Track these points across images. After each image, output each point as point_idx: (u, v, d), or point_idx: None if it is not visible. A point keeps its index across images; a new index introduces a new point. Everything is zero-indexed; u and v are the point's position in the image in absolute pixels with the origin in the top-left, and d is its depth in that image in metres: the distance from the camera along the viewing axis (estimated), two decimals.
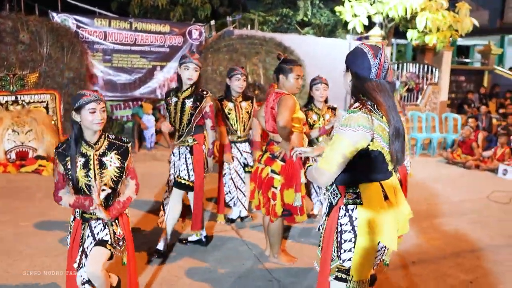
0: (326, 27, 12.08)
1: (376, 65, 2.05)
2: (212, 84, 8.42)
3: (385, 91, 2.06)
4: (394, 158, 2.05)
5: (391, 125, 2.01)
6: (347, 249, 2.07)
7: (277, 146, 3.53)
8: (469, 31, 10.20)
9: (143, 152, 8.05)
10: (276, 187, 3.50)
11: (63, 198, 2.64)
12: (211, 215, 5.06)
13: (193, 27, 8.61)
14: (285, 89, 3.49)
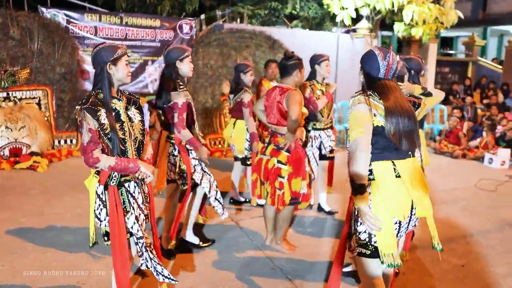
0: (314, 20, 12.17)
1: (384, 66, 2.36)
2: (203, 78, 8.46)
3: (391, 88, 2.35)
4: (390, 134, 2.28)
5: (387, 105, 2.29)
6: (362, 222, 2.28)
7: (281, 138, 3.67)
8: (454, 23, 10.40)
9: None
10: (284, 176, 3.64)
11: (101, 159, 2.44)
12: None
13: (183, 21, 8.63)
14: (293, 84, 3.68)
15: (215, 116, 8.35)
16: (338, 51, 10.28)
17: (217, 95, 8.46)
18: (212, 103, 8.41)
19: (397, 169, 2.31)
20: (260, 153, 3.82)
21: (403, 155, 2.36)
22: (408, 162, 2.36)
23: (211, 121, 8.32)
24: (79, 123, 2.45)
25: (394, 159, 2.33)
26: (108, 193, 2.53)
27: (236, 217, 4.78)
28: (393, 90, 2.34)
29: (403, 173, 2.31)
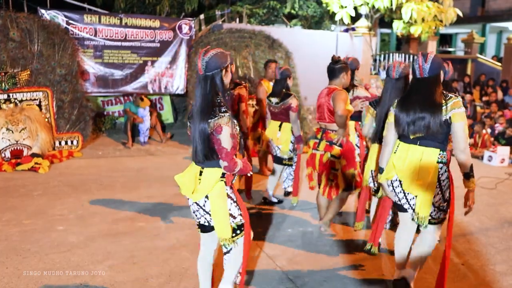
0: (313, 18, 12.18)
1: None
2: None
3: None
4: (399, 124, 2.97)
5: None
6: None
7: (333, 134, 4.08)
8: (453, 21, 10.42)
9: (137, 147, 8.11)
10: (337, 169, 4.10)
11: (238, 163, 2.59)
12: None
13: (183, 21, 8.65)
14: (340, 85, 4.09)
15: None
16: (337, 50, 10.29)
17: None
18: None
19: (398, 147, 3.10)
20: (312, 148, 4.22)
21: (410, 141, 3.01)
22: (409, 146, 3.01)
23: None
24: (216, 129, 2.48)
25: (403, 142, 3.07)
26: (234, 191, 2.72)
27: None
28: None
29: (399, 151, 3.07)
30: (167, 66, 8.52)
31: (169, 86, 8.61)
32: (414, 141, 2.95)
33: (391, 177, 3.04)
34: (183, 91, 8.72)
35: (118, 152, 7.76)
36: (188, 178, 2.68)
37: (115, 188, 5.76)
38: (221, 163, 2.57)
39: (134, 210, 4.93)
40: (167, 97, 9.44)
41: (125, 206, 5.05)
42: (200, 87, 2.58)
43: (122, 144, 8.18)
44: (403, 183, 2.97)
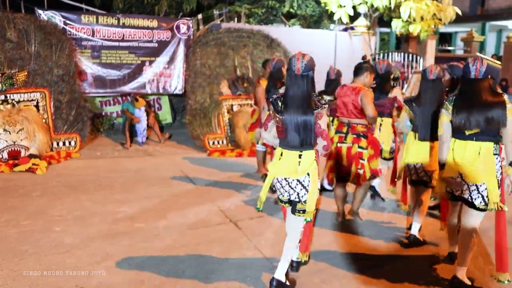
0: (312, 18, 12.14)
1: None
2: (201, 78, 8.46)
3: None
4: (457, 125, 3.27)
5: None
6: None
7: (359, 127, 4.39)
8: (452, 19, 10.39)
9: (135, 148, 8.08)
10: (364, 159, 4.41)
11: (330, 143, 3.50)
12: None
13: (181, 21, 8.63)
14: (362, 84, 4.38)
15: (213, 116, 8.35)
16: (336, 49, 10.28)
17: (215, 94, 8.46)
18: (210, 102, 8.41)
19: (455, 144, 3.37)
20: (338, 142, 4.46)
21: (466, 137, 3.30)
22: (467, 142, 3.29)
23: (209, 120, 8.31)
24: (320, 114, 3.10)
25: (457, 138, 3.35)
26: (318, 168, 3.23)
27: (235, 218, 4.78)
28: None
29: (456, 147, 3.35)
30: (165, 66, 8.50)
31: (167, 86, 8.59)
32: (470, 137, 3.26)
33: (453, 175, 3.34)
34: (181, 91, 8.70)
35: (117, 153, 7.73)
36: (287, 162, 3.16)
37: (114, 189, 5.73)
38: (321, 143, 3.14)
39: (133, 211, 4.91)
40: (165, 97, 9.43)
41: (124, 207, 5.02)
42: (297, 85, 3.11)
43: (120, 144, 8.15)
44: (467, 176, 3.27)
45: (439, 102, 3.90)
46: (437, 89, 3.98)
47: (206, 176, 6.42)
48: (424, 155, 4.03)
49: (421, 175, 4.12)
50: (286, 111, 3.10)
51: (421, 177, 4.13)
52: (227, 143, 8.21)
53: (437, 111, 3.74)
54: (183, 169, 6.79)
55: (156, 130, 8.46)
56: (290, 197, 3.24)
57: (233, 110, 8.47)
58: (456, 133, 3.32)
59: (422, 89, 4.04)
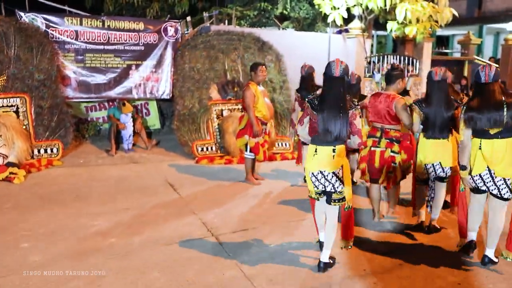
0: (306, 20, 11.87)
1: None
2: (190, 82, 8.17)
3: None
4: (479, 124, 3.56)
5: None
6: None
7: (393, 132, 4.57)
8: (448, 21, 10.13)
9: (121, 155, 7.78)
10: (396, 163, 4.59)
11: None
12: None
13: (168, 23, 8.34)
14: (395, 90, 4.61)
15: (202, 122, 8.05)
16: (329, 52, 10.01)
17: (205, 99, 8.18)
18: (199, 107, 8.12)
19: (481, 143, 3.64)
20: (372, 146, 4.63)
21: (491, 136, 3.62)
22: (493, 141, 3.60)
23: (198, 126, 8.02)
24: (354, 115, 3.55)
25: (482, 138, 3.64)
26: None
27: (217, 232, 4.48)
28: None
29: (484, 145, 3.63)
30: (152, 70, 8.21)
31: (155, 90, 8.30)
32: (496, 135, 3.58)
33: (482, 170, 3.64)
34: (169, 96, 8.40)
35: (101, 160, 7.43)
36: (322, 157, 3.53)
37: (91, 199, 5.43)
38: (356, 140, 3.61)
39: (108, 224, 4.61)
40: (154, 102, 9.13)
41: (98, 219, 4.72)
42: (334, 87, 3.53)
43: (105, 151, 7.85)
44: (497, 171, 3.59)
45: (446, 102, 4.21)
46: (443, 89, 4.23)
47: (192, 185, 6.13)
48: (441, 154, 4.28)
49: (438, 172, 4.38)
50: (323, 110, 3.50)
51: (438, 174, 4.40)
52: (216, 149, 7.92)
53: (445, 110, 4.17)
54: (168, 177, 6.49)
55: (143, 136, 8.16)
56: (326, 188, 3.60)
57: (223, 115, 8.18)
58: (481, 133, 3.63)
59: (429, 90, 4.29)
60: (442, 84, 4.22)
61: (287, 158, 7.98)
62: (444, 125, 4.20)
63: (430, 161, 4.34)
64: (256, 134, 6.00)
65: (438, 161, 4.31)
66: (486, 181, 3.69)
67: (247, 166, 6.28)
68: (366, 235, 4.50)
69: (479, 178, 3.70)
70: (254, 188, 6.07)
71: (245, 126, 6.10)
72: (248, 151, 6.13)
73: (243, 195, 5.72)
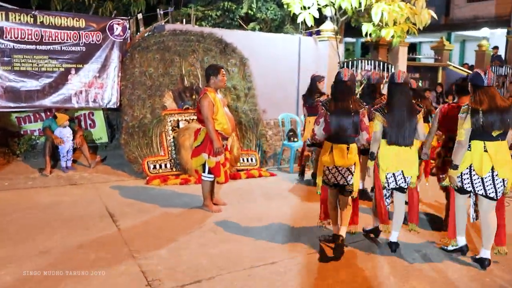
0: (273, 22, 10.93)
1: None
2: (140, 89, 7.05)
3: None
4: (486, 126, 3.60)
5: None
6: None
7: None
8: (426, 24, 9.39)
9: (57, 175, 6.57)
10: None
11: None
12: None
13: (114, 21, 7.19)
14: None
15: (155, 135, 6.94)
16: (300, 55, 9.10)
17: (158, 108, 7.08)
18: (151, 118, 7.00)
19: (486, 145, 3.67)
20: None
21: (493, 139, 3.67)
22: (495, 143, 3.67)
23: (150, 140, 6.90)
24: (363, 113, 3.95)
25: (485, 140, 3.66)
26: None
27: (160, 286, 3.39)
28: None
29: (489, 147, 3.65)
30: (96, 75, 7.04)
31: (99, 99, 7.12)
32: (497, 138, 3.66)
33: (487, 173, 3.66)
34: (115, 105, 7.24)
35: (31, 182, 6.19)
36: (338, 154, 3.89)
37: (4, 237, 4.24)
38: (364, 136, 3.98)
39: (13, 277, 3.44)
40: (100, 112, 7.92)
41: (2, 270, 3.55)
42: (345, 90, 3.95)
43: (38, 171, 6.63)
44: (500, 172, 3.65)
45: (408, 106, 4.03)
46: (405, 92, 4.07)
47: (136, 214, 5.01)
48: (404, 161, 4.03)
49: (400, 182, 4.09)
50: (337, 111, 3.87)
51: (399, 184, 4.09)
52: (171, 167, 6.82)
53: (407, 115, 3.98)
54: (110, 204, 5.35)
55: (85, 152, 6.97)
56: (339, 182, 3.97)
57: (179, 127, 7.10)
58: (483, 135, 3.65)
59: (390, 93, 4.10)
60: (404, 87, 4.07)
61: (253, 176, 6.98)
62: (410, 130, 4.01)
63: (395, 170, 4.07)
64: (217, 152, 4.95)
65: (400, 170, 4.06)
66: (486, 184, 3.72)
67: (205, 190, 5.21)
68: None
69: (480, 181, 3.72)
70: (213, 216, 5.01)
71: (202, 142, 5.04)
72: (206, 172, 5.07)
73: (198, 227, 4.65)
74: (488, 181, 3.68)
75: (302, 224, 4.81)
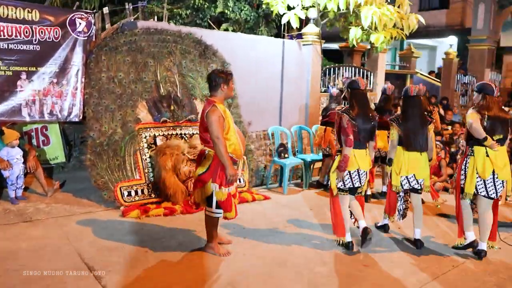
0: (247, 23, 9.94)
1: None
2: (109, 98, 5.81)
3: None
4: (493, 131, 4.13)
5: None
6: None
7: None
8: (414, 29, 8.82)
9: (4, 208, 5.19)
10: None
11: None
12: None
13: (77, 14, 5.85)
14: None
15: (128, 154, 5.72)
16: (284, 59, 8.19)
17: (130, 122, 5.87)
18: (123, 134, 5.78)
19: (487, 151, 4.14)
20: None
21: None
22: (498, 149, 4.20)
23: (122, 161, 5.67)
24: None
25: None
26: None
27: None
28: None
29: (490, 153, 4.11)
30: (53, 81, 5.68)
31: (57, 110, 5.75)
32: (497, 143, 4.11)
33: (489, 175, 4.11)
34: (78, 118, 5.90)
35: None
36: (361, 159, 4.28)
37: None
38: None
39: None
40: (55, 126, 6.43)
41: None
42: (366, 100, 4.44)
43: None
44: (500, 175, 4.11)
45: (421, 116, 4.54)
46: (419, 104, 4.58)
47: (124, 265, 3.83)
48: (417, 166, 4.48)
49: (413, 184, 4.56)
50: (360, 120, 4.25)
51: (412, 185, 4.57)
52: (149, 193, 5.65)
53: (420, 124, 4.48)
54: (84, 250, 4.11)
55: (40, 178, 5.60)
56: (355, 184, 4.35)
57: (156, 144, 5.93)
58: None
59: (406, 106, 4.61)
60: (417, 99, 4.58)
61: (246, 200, 6.04)
62: (423, 138, 4.50)
63: (408, 173, 4.52)
64: (231, 180, 3.90)
65: (412, 173, 4.51)
66: (488, 185, 4.14)
67: (211, 228, 4.12)
68: None
69: (482, 183, 4.16)
70: (224, 263, 3.96)
71: (208, 168, 3.96)
72: (214, 206, 3.99)
73: (213, 282, 3.56)
74: (490, 183, 4.13)
75: (332, 265, 3.86)
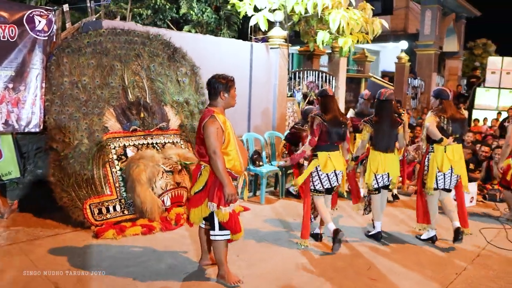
0: (209, 26, 9.52)
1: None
2: (72, 105, 5.23)
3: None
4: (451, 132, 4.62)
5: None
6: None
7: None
8: (378, 33, 8.84)
9: None
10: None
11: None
12: None
13: (35, 11, 5.18)
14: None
15: (96, 167, 5.17)
16: (252, 63, 7.90)
17: (97, 131, 5.32)
18: (90, 145, 5.22)
19: (446, 148, 4.62)
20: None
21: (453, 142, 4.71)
22: (453, 146, 4.63)
23: (90, 175, 5.10)
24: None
25: (445, 144, 4.62)
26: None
27: None
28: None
29: (448, 150, 4.60)
30: (8, 86, 4.99)
31: (13, 120, 5.07)
32: (454, 141, 4.62)
33: (447, 170, 4.62)
34: (38, 128, 5.25)
35: None
36: (336, 160, 4.48)
37: None
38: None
39: None
40: (8, 137, 5.64)
41: None
42: (335, 105, 4.61)
43: None
44: (456, 170, 4.64)
45: (391, 118, 4.80)
46: (389, 107, 4.82)
47: None
48: (390, 165, 4.77)
49: (385, 181, 4.86)
50: (331, 123, 4.41)
51: (384, 183, 4.87)
52: (122, 209, 5.13)
53: (390, 126, 4.79)
54: (61, 284, 3.55)
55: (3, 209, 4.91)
56: (332, 184, 4.56)
57: (126, 156, 5.42)
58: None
59: (378, 109, 4.84)
60: (388, 103, 4.82)
61: None
62: (392, 139, 4.82)
63: (382, 172, 4.80)
64: (230, 199, 3.51)
65: (387, 172, 4.82)
66: (446, 179, 4.67)
67: (221, 254, 3.65)
68: None
69: (443, 177, 4.67)
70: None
71: (204, 186, 3.56)
72: (217, 228, 3.59)
73: None
74: (448, 177, 4.66)
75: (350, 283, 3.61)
